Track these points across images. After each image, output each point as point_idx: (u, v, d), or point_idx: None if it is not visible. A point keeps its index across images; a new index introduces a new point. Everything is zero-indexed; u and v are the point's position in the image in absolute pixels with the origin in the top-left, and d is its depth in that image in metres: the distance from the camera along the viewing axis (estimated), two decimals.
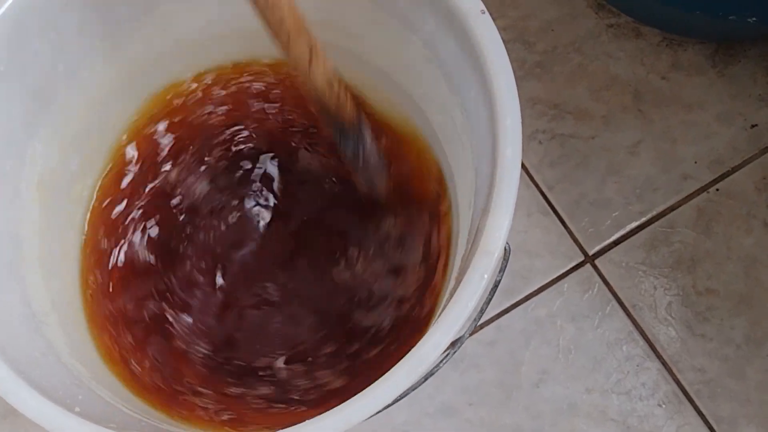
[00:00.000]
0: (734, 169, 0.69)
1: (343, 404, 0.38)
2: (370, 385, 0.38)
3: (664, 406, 0.64)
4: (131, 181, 0.58)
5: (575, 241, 0.68)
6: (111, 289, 0.56)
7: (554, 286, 0.67)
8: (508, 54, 0.71)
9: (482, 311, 0.44)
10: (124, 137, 0.58)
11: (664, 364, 0.64)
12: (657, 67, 0.71)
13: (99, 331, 0.54)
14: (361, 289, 0.57)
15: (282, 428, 0.38)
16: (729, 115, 0.70)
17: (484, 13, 0.43)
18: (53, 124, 0.51)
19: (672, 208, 0.68)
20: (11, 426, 0.65)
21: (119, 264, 0.57)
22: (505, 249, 0.41)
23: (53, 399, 0.40)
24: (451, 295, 0.40)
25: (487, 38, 0.43)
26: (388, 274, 0.57)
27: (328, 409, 0.38)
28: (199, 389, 0.54)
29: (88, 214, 0.57)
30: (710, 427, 0.63)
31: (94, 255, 0.56)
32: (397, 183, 0.58)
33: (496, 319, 0.66)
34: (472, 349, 0.66)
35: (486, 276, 0.39)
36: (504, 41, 0.72)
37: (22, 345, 0.44)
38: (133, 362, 0.53)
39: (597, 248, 0.67)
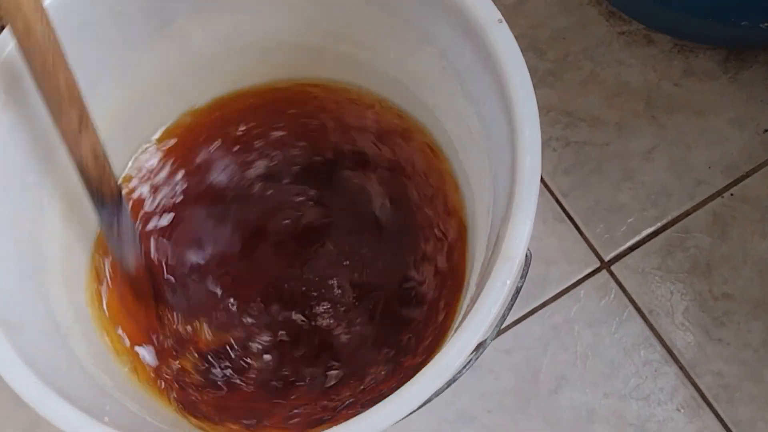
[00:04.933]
0: (748, 174, 0.69)
1: (367, 411, 0.39)
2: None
3: (682, 410, 0.64)
4: (152, 193, 0.59)
5: (591, 247, 0.68)
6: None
7: (571, 292, 0.67)
8: None
9: (504, 317, 0.45)
10: (147, 149, 0.59)
11: (681, 368, 0.65)
12: (669, 74, 0.72)
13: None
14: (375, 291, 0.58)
15: None
16: (742, 121, 0.70)
17: (501, 22, 0.43)
18: None
19: (687, 214, 0.68)
20: None
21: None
22: (526, 255, 0.42)
23: (81, 409, 0.40)
24: (473, 302, 0.41)
25: (505, 47, 0.43)
26: (404, 278, 0.58)
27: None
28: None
29: None
30: (729, 431, 0.63)
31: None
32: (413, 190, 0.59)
33: (514, 326, 0.67)
34: (489, 357, 0.66)
35: (508, 282, 0.40)
36: None
37: (49, 356, 0.44)
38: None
39: (613, 254, 0.68)
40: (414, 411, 0.40)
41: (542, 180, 0.69)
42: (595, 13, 0.74)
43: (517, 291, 0.45)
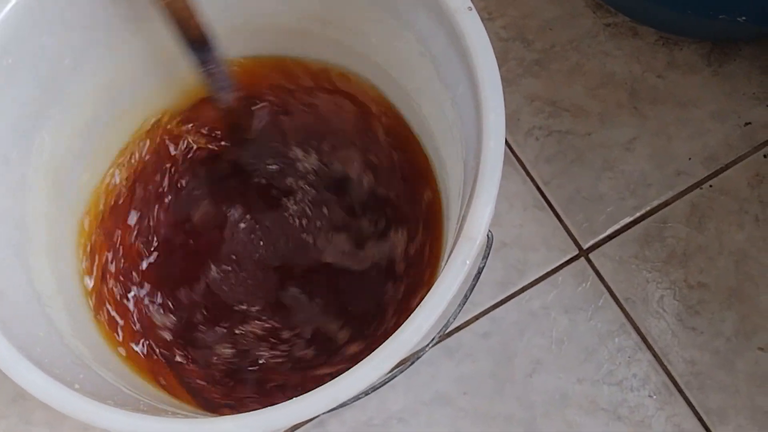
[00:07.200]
0: (727, 166, 0.70)
1: (344, 374, 0.40)
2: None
3: (654, 396, 0.65)
4: (134, 173, 0.60)
5: (570, 235, 0.69)
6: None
7: (549, 278, 0.68)
8: (508, 52, 0.74)
9: (466, 297, 0.46)
10: (131, 131, 0.60)
11: (655, 355, 0.66)
12: (653, 66, 0.73)
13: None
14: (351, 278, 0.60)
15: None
16: (723, 113, 0.71)
17: (471, 9, 0.44)
18: (60, 117, 0.53)
19: (666, 204, 0.69)
20: (20, 409, 0.67)
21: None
22: (488, 237, 0.43)
23: (53, 375, 0.41)
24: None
25: (474, 34, 0.44)
26: (379, 266, 0.59)
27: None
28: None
29: (93, 204, 0.59)
30: (699, 418, 0.64)
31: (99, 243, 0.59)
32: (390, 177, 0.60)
33: (491, 310, 0.68)
34: (467, 340, 0.67)
35: (468, 262, 0.41)
36: (504, 39, 0.74)
37: (26, 323, 0.46)
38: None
39: (591, 242, 0.69)
40: (380, 385, 0.41)
41: (524, 168, 0.71)
42: (582, 5, 0.75)
43: (479, 272, 0.46)
